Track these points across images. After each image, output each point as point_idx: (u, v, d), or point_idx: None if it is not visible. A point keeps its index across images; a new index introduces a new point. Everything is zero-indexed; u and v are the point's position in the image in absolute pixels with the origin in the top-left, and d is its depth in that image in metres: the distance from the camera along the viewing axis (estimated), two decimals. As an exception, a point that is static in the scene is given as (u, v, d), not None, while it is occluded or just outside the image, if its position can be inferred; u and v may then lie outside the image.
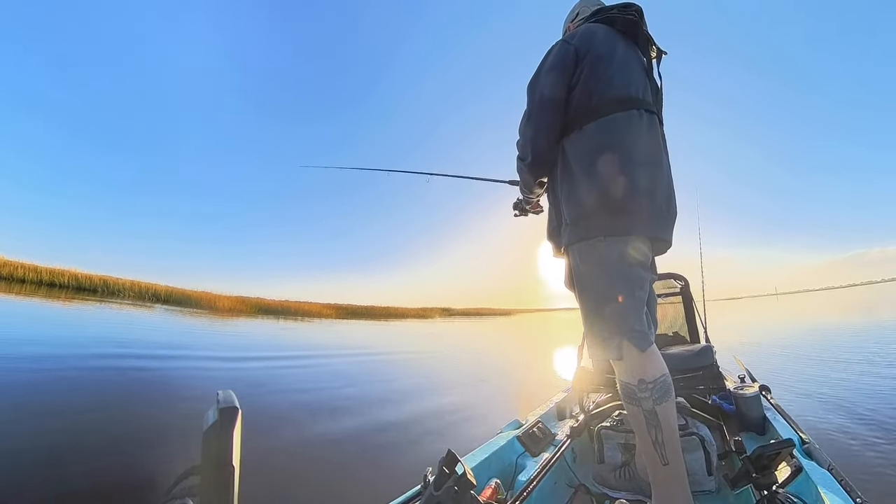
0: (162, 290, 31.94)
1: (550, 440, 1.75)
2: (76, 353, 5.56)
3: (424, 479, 1.06)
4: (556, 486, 1.53)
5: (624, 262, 1.17)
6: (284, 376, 5.99)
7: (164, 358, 6.14)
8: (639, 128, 1.21)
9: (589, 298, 1.24)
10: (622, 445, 1.55)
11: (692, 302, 2.63)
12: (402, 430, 3.55)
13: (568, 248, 1.28)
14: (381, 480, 2.48)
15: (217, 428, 0.43)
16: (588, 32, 1.31)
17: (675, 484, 1.11)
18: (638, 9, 1.34)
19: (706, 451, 1.43)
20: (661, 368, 1.14)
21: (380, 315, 56.52)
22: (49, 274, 26.66)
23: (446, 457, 0.99)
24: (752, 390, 1.85)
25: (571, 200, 1.23)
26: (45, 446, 2.54)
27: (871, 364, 5.51)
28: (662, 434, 1.10)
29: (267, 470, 2.49)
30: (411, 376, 7.03)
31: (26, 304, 13.46)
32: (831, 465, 1.21)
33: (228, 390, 0.47)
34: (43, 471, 2.26)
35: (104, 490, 2.17)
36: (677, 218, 1.28)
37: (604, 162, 1.18)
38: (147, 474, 2.35)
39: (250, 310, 35.44)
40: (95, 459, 2.50)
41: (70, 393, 3.76)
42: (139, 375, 4.86)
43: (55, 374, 4.34)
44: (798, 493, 1.11)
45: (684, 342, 2.53)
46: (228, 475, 0.42)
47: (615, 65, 1.26)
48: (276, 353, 8.41)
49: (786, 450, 1.12)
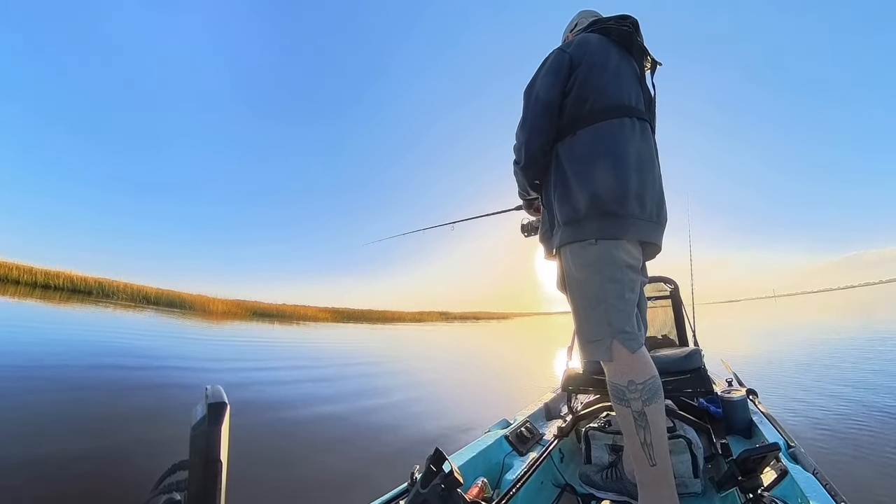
0: (154, 292, 31.70)
1: (538, 440, 1.75)
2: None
3: (411, 476, 1.07)
4: (543, 485, 1.54)
5: (615, 264, 1.18)
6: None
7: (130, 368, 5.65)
8: (631, 135, 1.24)
9: (580, 300, 1.26)
10: (609, 446, 1.57)
11: (681, 305, 2.65)
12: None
13: (560, 250, 1.30)
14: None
15: (205, 423, 0.43)
16: (583, 42, 1.34)
17: (662, 485, 1.12)
18: (633, 21, 1.38)
19: (693, 454, 1.45)
20: (651, 370, 1.15)
21: (377, 319, 56.38)
22: (44, 276, 26.44)
23: (433, 455, 1.00)
24: (740, 394, 1.87)
25: (564, 203, 1.25)
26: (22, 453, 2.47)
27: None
28: (651, 435, 1.11)
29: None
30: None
31: (17, 305, 13.33)
32: (816, 469, 1.22)
33: (217, 385, 0.47)
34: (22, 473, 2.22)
35: (91, 490, 2.15)
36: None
37: (596, 167, 1.21)
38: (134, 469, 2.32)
39: (245, 313, 35.26)
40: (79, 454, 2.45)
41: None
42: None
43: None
44: (783, 496, 1.13)
45: (673, 345, 2.56)
46: (216, 470, 0.42)
47: (609, 73, 1.29)
48: (262, 365, 7.78)
49: (771, 453, 1.13)
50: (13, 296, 17.06)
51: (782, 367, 6.13)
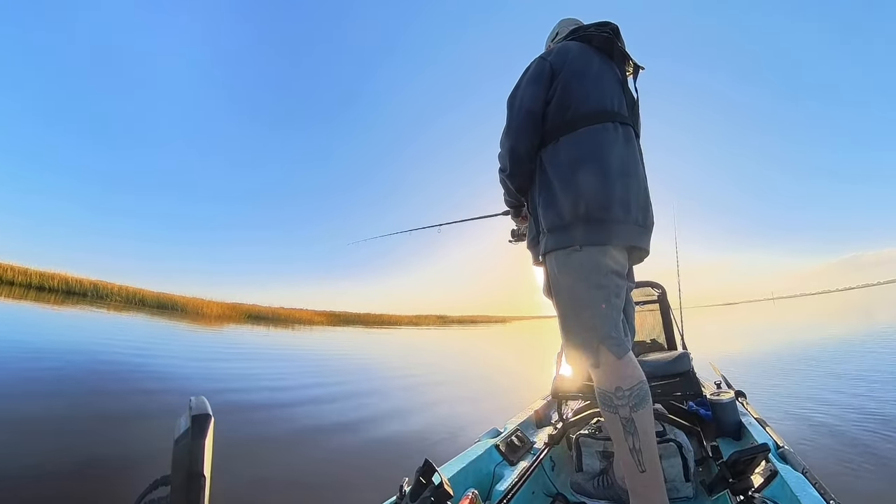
0: (149, 295, 31.40)
1: (529, 448, 1.74)
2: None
3: (400, 489, 1.05)
4: (535, 495, 1.52)
5: (600, 270, 1.19)
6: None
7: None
8: (614, 139, 1.25)
9: (566, 306, 1.27)
10: (600, 453, 1.56)
11: (669, 309, 2.67)
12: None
13: (546, 257, 1.30)
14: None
15: (188, 436, 0.41)
16: (563, 50, 1.36)
17: (653, 491, 1.12)
18: (614, 27, 1.40)
19: (683, 458, 1.45)
20: (639, 375, 1.15)
21: (373, 322, 56.07)
22: (39, 277, 26.18)
23: (423, 466, 0.98)
24: (729, 396, 1.88)
25: (549, 210, 1.26)
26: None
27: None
28: (640, 441, 1.11)
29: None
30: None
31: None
32: (806, 468, 1.23)
33: (201, 397, 0.45)
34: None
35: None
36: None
37: (580, 173, 1.21)
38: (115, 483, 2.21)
39: (240, 317, 34.96)
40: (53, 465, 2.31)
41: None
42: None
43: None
44: (773, 496, 1.14)
45: (661, 349, 2.56)
46: (200, 486, 0.41)
47: (590, 80, 1.31)
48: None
49: (761, 454, 1.14)
50: (7, 297, 16.88)
51: (771, 370, 6.15)
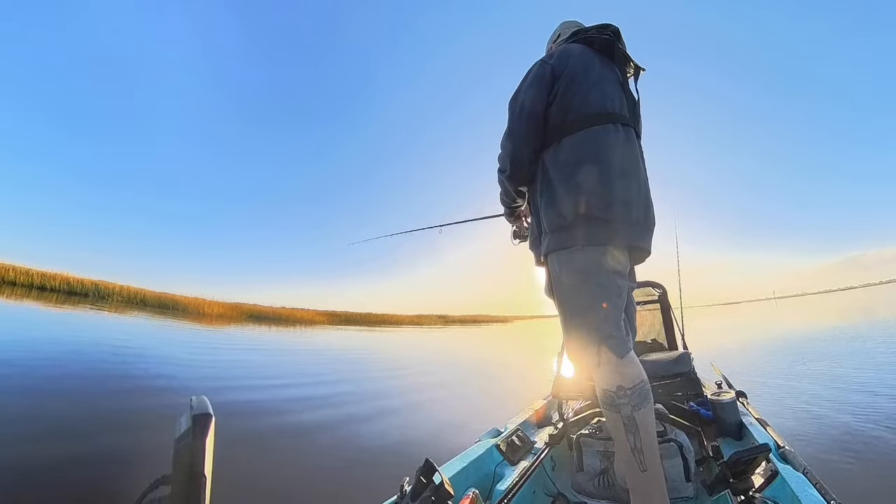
0: (150, 295, 31.41)
1: (529, 448, 1.74)
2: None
3: (401, 489, 1.04)
4: (535, 495, 1.52)
5: (601, 270, 1.19)
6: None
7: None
8: (615, 141, 1.25)
9: (567, 306, 1.27)
10: (601, 453, 1.56)
11: (670, 309, 2.67)
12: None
13: (547, 257, 1.31)
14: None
15: (189, 435, 0.41)
16: (565, 52, 1.37)
17: (654, 491, 1.11)
18: (615, 29, 1.41)
19: (684, 458, 1.44)
20: (640, 375, 1.15)
21: (375, 322, 55.99)
22: (40, 277, 26.32)
23: (424, 466, 0.98)
24: (729, 396, 1.88)
25: (551, 210, 1.26)
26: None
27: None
28: (641, 440, 1.11)
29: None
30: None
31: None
32: (806, 468, 1.23)
33: (202, 396, 0.45)
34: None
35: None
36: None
37: (581, 174, 1.22)
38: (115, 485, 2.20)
39: (241, 317, 34.83)
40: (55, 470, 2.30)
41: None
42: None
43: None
44: (774, 496, 1.14)
45: (662, 349, 2.56)
46: (200, 485, 0.40)
47: (590, 81, 1.31)
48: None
49: (762, 454, 1.14)
50: (9, 297, 16.90)
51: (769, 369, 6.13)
